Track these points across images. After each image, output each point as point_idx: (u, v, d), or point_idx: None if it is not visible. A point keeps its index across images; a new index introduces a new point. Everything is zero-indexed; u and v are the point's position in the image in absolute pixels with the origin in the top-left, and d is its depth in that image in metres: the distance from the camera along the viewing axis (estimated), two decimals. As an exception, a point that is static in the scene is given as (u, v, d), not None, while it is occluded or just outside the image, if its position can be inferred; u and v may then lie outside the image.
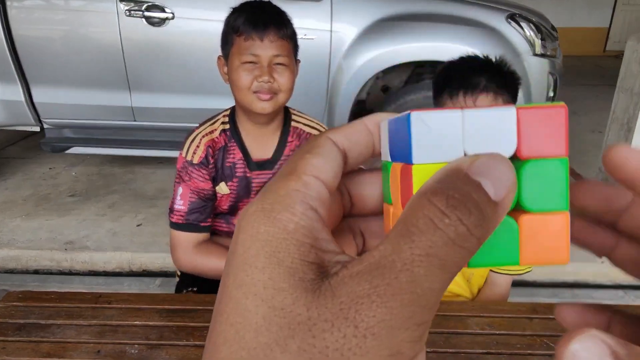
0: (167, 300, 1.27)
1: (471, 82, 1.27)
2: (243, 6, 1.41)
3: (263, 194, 0.22)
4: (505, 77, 1.30)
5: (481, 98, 1.27)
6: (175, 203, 1.45)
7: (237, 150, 1.46)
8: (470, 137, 0.23)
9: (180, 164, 1.44)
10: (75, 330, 1.15)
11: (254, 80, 1.34)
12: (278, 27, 1.36)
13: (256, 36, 1.33)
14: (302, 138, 1.51)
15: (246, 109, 1.40)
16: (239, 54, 1.35)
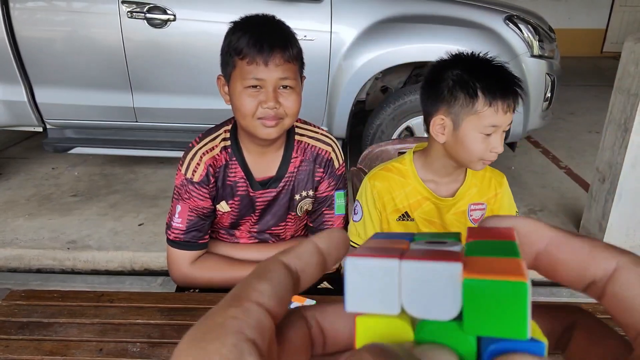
0: (169, 299, 1.28)
1: (503, 87, 1.24)
2: (245, 23, 1.30)
3: (200, 321, 0.22)
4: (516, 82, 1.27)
5: (511, 105, 1.25)
6: (173, 220, 1.41)
7: (239, 168, 1.40)
8: (409, 290, 0.21)
9: (180, 181, 1.39)
10: (78, 328, 1.16)
11: (258, 106, 1.26)
12: (284, 50, 1.25)
13: (260, 60, 1.23)
14: (307, 152, 1.44)
15: (249, 133, 1.33)
16: (242, 78, 1.26)
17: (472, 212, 1.45)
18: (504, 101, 1.24)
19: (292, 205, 1.48)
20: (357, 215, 1.48)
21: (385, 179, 1.44)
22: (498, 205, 1.46)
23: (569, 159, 4.42)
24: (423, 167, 1.43)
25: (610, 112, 2.76)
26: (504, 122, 1.26)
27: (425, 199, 1.43)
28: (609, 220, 2.79)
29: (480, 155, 1.30)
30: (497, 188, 1.45)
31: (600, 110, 4.86)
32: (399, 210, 1.45)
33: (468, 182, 1.43)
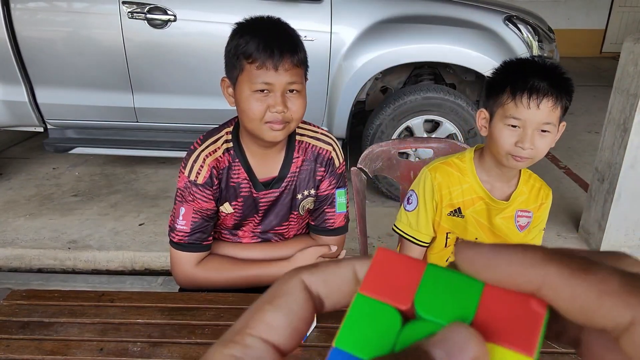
0: (169, 299, 1.28)
1: (536, 85, 1.27)
2: (252, 26, 1.30)
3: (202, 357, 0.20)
4: (565, 82, 1.30)
5: (545, 101, 1.27)
6: (177, 223, 1.40)
7: (242, 170, 1.41)
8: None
9: (183, 184, 1.39)
10: (78, 328, 1.17)
11: (266, 110, 1.27)
12: (293, 54, 1.26)
13: (270, 65, 1.23)
14: (308, 152, 1.45)
15: (255, 136, 1.34)
16: (250, 82, 1.26)
17: (519, 218, 1.48)
18: (530, 95, 1.27)
19: (295, 204, 1.49)
20: (412, 205, 1.52)
21: (446, 173, 1.48)
22: (538, 216, 1.49)
23: (568, 159, 4.42)
24: (480, 166, 1.47)
25: (609, 112, 2.76)
26: (529, 117, 1.28)
27: (480, 198, 1.46)
28: (608, 220, 2.79)
29: (507, 149, 1.33)
30: (544, 199, 1.49)
31: (599, 110, 4.87)
32: (453, 205, 1.48)
33: (520, 189, 1.47)
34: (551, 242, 3.06)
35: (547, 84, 1.27)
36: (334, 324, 1.17)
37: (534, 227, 1.50)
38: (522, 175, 1.48)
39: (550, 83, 1.27)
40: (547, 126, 1.30)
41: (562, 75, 1.31)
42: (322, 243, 1.53)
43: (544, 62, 1.34)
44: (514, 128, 1.31)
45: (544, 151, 1.34)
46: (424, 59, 3.25)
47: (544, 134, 1.31)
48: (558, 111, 1.30)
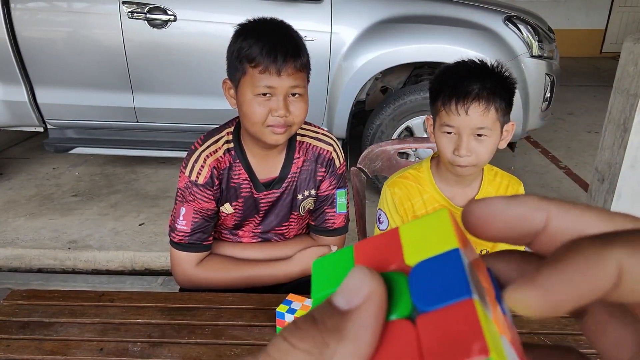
0: (169, 299, 1.29)
1: (463, 90, 1.25)
2: (255, 29, 1.29)
3: None
4: (499, 82, 1.28)
5: (473, 107, 1.25)
6: (177, 223, 1.40)
7: (242, 170, 1.41)
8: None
9: (183, 184, 1.39)
10: (78, 328, 1.17)
11: (268, 114, 1.27)
12: (296, 58, 1.26)
13: (273, 69, 1.23)
14: (308, 153, 1.45)
15: (257, 139, 1.34)
16: (253, 86, 1.26)
17: None
18: (457, 102, 1.26)
19: (295, 205, 1.49)
20: (383, 223, 1.51)
21: (403, 186, 1.46)
22: None
23: (568, 159, 4.42)
24: (438, 174, 1.45)
25: (609, 112, 2.76)
26: (460, 124, 1.27)
27: (442, 206, 1.44)
28: (608, 220, 2.79)
29: (447, 157, 1.32)
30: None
31: (599, 110, 4.87)
32: (418, 217, 1.46)
33: (483, 191, 1.44)
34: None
35: (478, 88, 1.25)
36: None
37: None
38: (485, 176, 1.45)
39: (481, 86, 1.25)
40: (482, 130, 1.27)
41: (498, 75, 1.29)
42: (322, 243, 1.53)
43: (477, 65, 1.31)
44: (449, 135, 1.30)
45: (485, 155, 1.30)
46: (424, 59, 3.25)
47: (480, 138, 1.28)
48: (491, 114, 1.27)
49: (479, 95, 1.25)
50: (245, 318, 1.20)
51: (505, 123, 1.32)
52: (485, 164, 1.36)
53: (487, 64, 1.32)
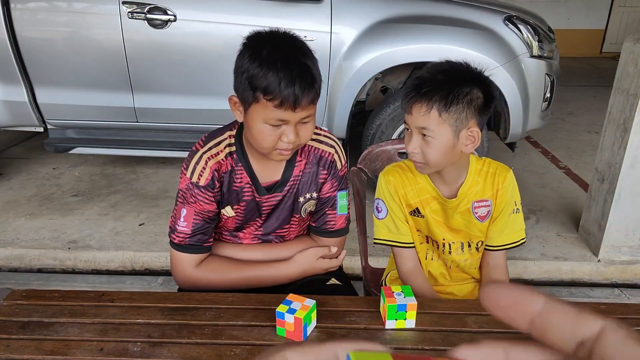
0: (169, 299, 1.29)
1: (412, 89, 1.29)
2: (269, 56, 1.20)
3: None
4: (462, 89, 1.26)
5: (416, 106, 1.28)
6: (178, 224, 1.39)
7: (245, 174, 1.40)
8: None
9: (184, 185, 1.38)
10: (78, 328, 1.17)
11: (278, 139, 1.26)
12: (311, 90, 1.21)
13: (289, 106, 1.20)
14: (310, 155, 1.44)
15: (262, 155, 1.34)
16: (265, 115, 1.22)
17: (477, 209, 1.47)
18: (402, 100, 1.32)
19: (297, 207, 1.48)
20: (382, 212, 1.52)
21: (397, 174, 1.49)
22: (499, 202, 1.47)
23: (568, 159, 4.43)
24: None
25: (609, 113, 2.76)
26: (409, 121, 1.32)
27: (433, 198, 1.47)
28: (608, 220, 2.79)
29: (407, 152, 1.36)
30: (500, 184, 1.46)
31: (599, 110, 4.87)
32: (411, 206, 1.49)
33: (469, 180, 1.45)
34: (551, 242, 3.06)
35: (426, 89, 1.26)
36: (333, 324, 1.18)
37: (498, 214, 1.47)
38: (472, 167, 1.45)
39: (431, 88, 1.26)
40: (425, 131, 1.29)
41: (472, 81, 1.28)
42: (323, 244, 1.53)
43: (447, 67, 1.32)
44: (407, 131, 1.34)
45: (432, 156, 1.31)
46: (424, 59, 3.25)
47: (426, 138, 1.30)
48: (433, 116, 1.27)
49: (421, 96, 1.27)
50: (245, 318, 1.20)
51: (463, 128, 1.29)
52: (437, 165, 1.36)
53: (458, 67, 1.32)
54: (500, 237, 1.49)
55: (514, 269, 2.87)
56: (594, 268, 2.89)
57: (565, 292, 2.82)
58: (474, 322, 1.19)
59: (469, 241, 1.52)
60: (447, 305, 1.26)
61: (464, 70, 1.31)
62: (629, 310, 1.27)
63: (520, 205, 1.50)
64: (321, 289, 1.48)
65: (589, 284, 2.89)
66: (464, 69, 1.31)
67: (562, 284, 2.89)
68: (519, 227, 1.50)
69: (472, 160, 1.46)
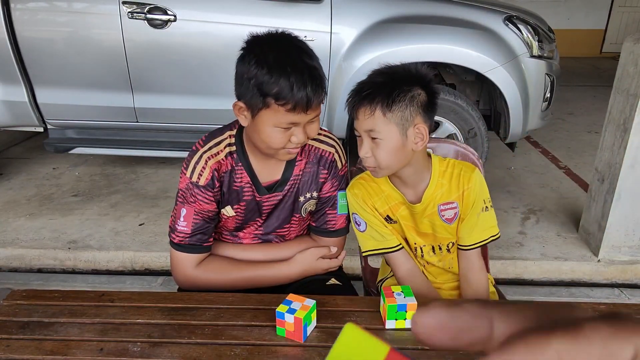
0: (169, 299, 1.29)
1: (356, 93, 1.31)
2: (275, 61, 1.21)
3: None
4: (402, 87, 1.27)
5: (361, 110, 1.29)
6: (178, 224, 1.39)
7: (245, 174, 1.40)
8: None
9: (184, 185, 1.38)
10: (79, 328, 1.17)
11: (287, 140, 1.27)
12: (320, 93, 1.24)
13: (301, 109, 1.22)
14: (311, 154, 1.45)
15: (268, 155, 1.35)
16: (277, 119, 1.23)
17: (443, 212, 1.45)
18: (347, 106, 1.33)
19: (297, 207, 1.49)
20: (361, 225, 1.50)
21: (361, 186, 1.48)
22: (465, 203, 1.44)
23: (568, 159, 4.43)
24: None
25: (609, 113, 2.76)
26: (357, 126, 1.33)
27: (401, 203, 1.46)
28: (608, 220, 2.79)
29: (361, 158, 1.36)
30: (465, 184, 1.43)
31: (599, 110, 4.87)
32: (382, 214, 1.48)
33: (434, 183, 1.42)
34: (551, 242, 3.06)
35: (367, 91, 1.28)
36: (333, 324, 1.18)
37: (466, 215, 1.45)
38: (435, 169, 1.43)
39: (372, 90, 1.27)
40: (372, 133, 1.29)
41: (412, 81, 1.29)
42: (323, 244, 1.53)
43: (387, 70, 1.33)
44: (359, 137, 1.34)
45: (384, 158, 1.31)
46: (424, 59, 3.25)
47: (375, 141, 1.30)
48: (377, 117, 1.27)
49: (363, 99, 1.28)
50: (245, 318, 1.20)
51: (409, 127, 1.29)
52: (390, 167, 1.34)
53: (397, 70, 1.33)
54: (470, 236, 1.47)
55: (514, 269, 2.88)
56: (594, 268, 2.89)
57: (565, 292, 2.82)
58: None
59: (439, 244, 1.51)
60: (447, 305, 1.26)
61: (403, 71, 1.32)
62: (629, 310, 1.27)
63: (489, 202, 1.47)
64: (321, 289, 1.48)
65: (589, 284, 2.89)
66: (403, 70, 1.32)
67: (562, 284, 2.89)
68: (489, 224, 1.48)
69: (434, 162, 1.44)
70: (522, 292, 2.79)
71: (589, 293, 2.82)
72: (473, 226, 1.45)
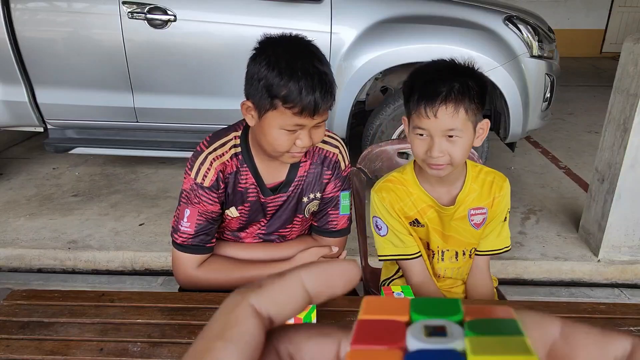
0: (169, 299, 1.29)
1: (432, 93, 1.25)
2: (288, 65, 1.21)
3: None
4: (469, 83, 1.27)
5: (442, 110, 1.25)
6: (181, 224, 1.39)
7: (250, 175, 1.40)
8: None
9: (189, 185, 1.38)
10: (79, 328, 1.17)
11: (292, 144, 1.27)
12: (328, 98, 1.23)
13: (308, 114, 1.21)
14: (315, 155, 1.45)
15: (273, 157, 1.35)
16: (283, 122, 1.23)
17: (473, 217, 1.46)
18: (426, 106, 1.26)
19: (300, 208, 1.49)
20: (382, 229, 1.50)
21: (389, 190, 1.47)
22: (494, 210, 1.47)
23: (568, 159, 4.43)
24: (421, 175, 1.45)
25: (609, 113, 2.76)
26: (431, 126, 1.28)
27: (430, 206, 1.46)
28: (608, 220, 2.79)
29: (421, 157, 1.33)
30: (497, 192, 1.46)
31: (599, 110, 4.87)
32: (409, 218, 1.47)
33: (467, 188, 1.44)
34: (551, 242, 3.06)
35: (446, 90, 1.25)
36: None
37: (490, 221, 1.48)
38: (469, 173, 1.45)
39: (449, 88, 1.25)
40: (452, 132, 1.28)
41: (468, 75, 1.29)
42: (324, 244, 1.53)
43: (446, 66, 1.32)
44: (422, 137, 1.31)
45: (459, 155, 1.30)
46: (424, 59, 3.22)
47: (452, 139, 1.29)
48: (461, 115, 1.26)
49: (447, 98, 1.25)
50: (245, 318, 1.20)
51: (478, 122, 1.32)
52: (460, 164, 1.35)
53: (455, 64, 1.32)
54: (487, 242, 1.50)
55: (514, 269, 2.88)
56: (594, 268, 2.89)
57: (565, 292, 2.82)
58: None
59: (463, 249, 1.52)
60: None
61: (459, 66, 1.31)
62: (629, 310, 1.27)
63: (508, 214, 1.51)
64: None
65: (589, 284, 2.89)
66: (463, 65, 1.32)
67: (562, 284, 2.89)
68: (505, 235, 1.51)
69: (469, 166, 1.46)
70: (522, 292, 2.79)
71: (589, 293, 2.82)
72: (493, 234, 1.49)
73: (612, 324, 1.20)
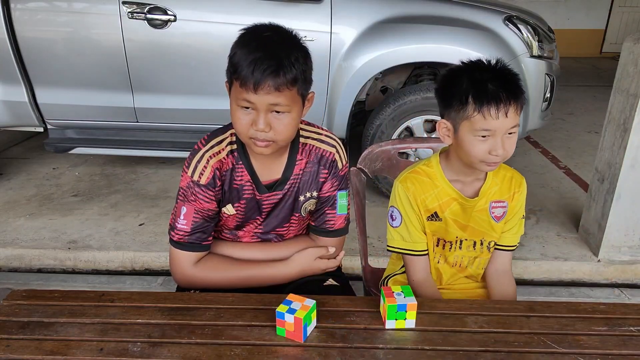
0: (169, 299, 1.28)
1: (496, 95, 1.27)
2: (248, 40, 1.25)
3: None
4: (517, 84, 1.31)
5: (511, 109, 1.28)
6: (178, 222, 1.40)
7: (245, 172, 1.40)
8: None
9: (185, 183, 1.38)
10: (79, 328, 1.16)
11: (250, 126, 1.25)
12: (275, 77, 1.19)
13: (251, 86, 1.20)
14: (311, 154, 1.44)
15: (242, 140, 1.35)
16: (236, 97, 1.25)
17: (494, 209, 1.50)
18: (497, 107, 1.27)
19: (297, 206, 1.49)
20: (396, 220, 1.52)
21: (416, 181, 1.49)
22: (513, 205, 1.51)
23: (568, 159, 4.43)
24: (448, 168, 1.48)
25: (609, 113, 2.76)
26: (498, 126, 1.29)
27: (454, 199, 1.48)
28: (608, 220, 2.79)
29: (480, 158, 1.34)
30: (517, 188, 1.51)
31: (599, 110, 4.87)
32: (429, 211, 1.50)
33: (489, 181, 1.48)
34: (551, 242, 3.06)
35: (507, 90, 1.28)
36: (333, 324, 1.18)
37: (511, 216, 1.52)
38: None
39: (507, 88, 1.28)
40: (514, 128, 1.32)
41: (513, 76, 1.33)
42: (321, 244, 1.53)
43: (496, 66, 1.34)
44: (484, 138, 1.32)
45: (512, 150, 1.35)
46: (424, 59, 3.25)
47: (510, 135, 1.33)
48: (518, 113, 1.31)
49: (511, 99, 1.28)
50: (245, 318, 1.20)
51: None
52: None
53: (499, 65, 1.35)
54: (509, 237, 1.56)
55: (514, 269, 2.85)
56: (594, 268, 2.89)
57: (565, 292, 2.82)
58: (474, 322, 1.19)
59: (482, 239, 1.54)
60: (447, 306, 1.26)
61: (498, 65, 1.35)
62: (629, 310, 1.26)
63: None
64: (318, 290, 1.47)
65: (589, 284, 2.89)
66: (498, 63, 1.36)
67: (562, 284, 2.89)
68: (520, 232, 1.57)
69: None
70: (522, 292, 2.78)
71: (589, 293, 2.82)
72: (514, 230, 1.55)
73: (612, 324, 1.20)
